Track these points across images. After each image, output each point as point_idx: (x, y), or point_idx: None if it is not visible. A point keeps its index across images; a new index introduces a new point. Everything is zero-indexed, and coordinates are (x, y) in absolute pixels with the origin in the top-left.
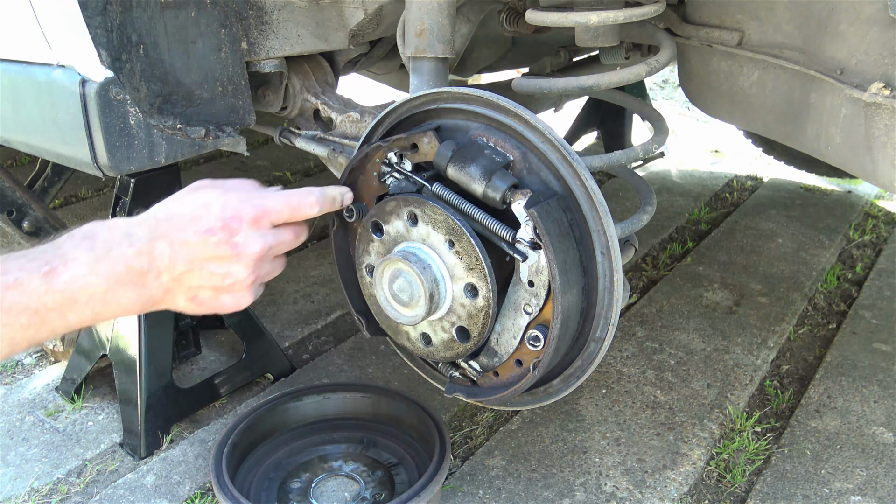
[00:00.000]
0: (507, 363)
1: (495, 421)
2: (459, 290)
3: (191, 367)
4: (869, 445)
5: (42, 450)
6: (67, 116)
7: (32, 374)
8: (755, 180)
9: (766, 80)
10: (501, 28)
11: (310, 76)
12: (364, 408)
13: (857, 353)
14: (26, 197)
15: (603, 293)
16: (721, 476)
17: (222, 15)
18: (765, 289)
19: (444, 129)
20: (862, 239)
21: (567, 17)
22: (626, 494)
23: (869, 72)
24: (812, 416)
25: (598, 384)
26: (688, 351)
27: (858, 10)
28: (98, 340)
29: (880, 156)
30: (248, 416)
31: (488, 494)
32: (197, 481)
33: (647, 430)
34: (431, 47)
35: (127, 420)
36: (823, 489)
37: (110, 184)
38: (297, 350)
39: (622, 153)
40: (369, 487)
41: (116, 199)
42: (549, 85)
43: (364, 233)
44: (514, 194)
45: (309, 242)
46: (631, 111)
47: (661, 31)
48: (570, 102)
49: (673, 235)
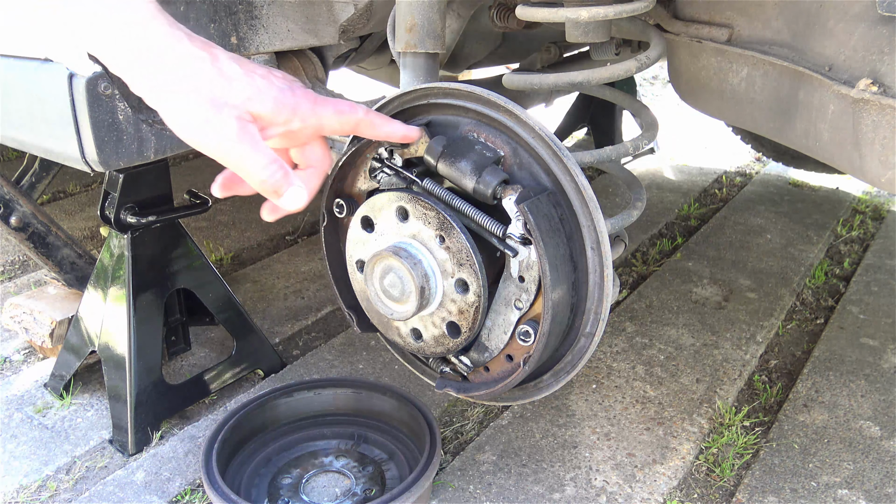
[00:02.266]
0: (498, 358)
1: (486, 416)
2: (450, 285)
3: (180, 364)
4: (856, 439)
5: (31, 447)
6: (55, 112)
7: (20, 370)
8: (744, 176)
9: (755, 76)
10: (492, 23)
11: (300, 71)
12: (354, 404)
13: (845, 347)
14: (14, 192)
15: (593, 288)
16: (710, 470)
17: (212, 10)
18: (753, 284)
19: (435, 125)
20: (849, 234)
21: (557, 13)
22: (616, 489)
23: (857, 68)
24: (800, 411)
25: (589, 379)
26: (677, 346)
27: (847, 7)
28: (87, 337)
29: (868, 152)
30: (239, 412)
31: (479, 489)
32: (187, 478)
33: (637, 425)
34: (422, 42)
35: (116, 416)
36: (811, 483)
37: (99, 179)
38: (287, 346)
39: (612, 149)
40: (360, 483)
41: (105, 195)
42: (539, 81)
43: (354, 228)
44: (504, 190)
45: (299, 238)
46: (621, 107)
47: (651, 27)
48: (560, 98)
49: (663, 231)
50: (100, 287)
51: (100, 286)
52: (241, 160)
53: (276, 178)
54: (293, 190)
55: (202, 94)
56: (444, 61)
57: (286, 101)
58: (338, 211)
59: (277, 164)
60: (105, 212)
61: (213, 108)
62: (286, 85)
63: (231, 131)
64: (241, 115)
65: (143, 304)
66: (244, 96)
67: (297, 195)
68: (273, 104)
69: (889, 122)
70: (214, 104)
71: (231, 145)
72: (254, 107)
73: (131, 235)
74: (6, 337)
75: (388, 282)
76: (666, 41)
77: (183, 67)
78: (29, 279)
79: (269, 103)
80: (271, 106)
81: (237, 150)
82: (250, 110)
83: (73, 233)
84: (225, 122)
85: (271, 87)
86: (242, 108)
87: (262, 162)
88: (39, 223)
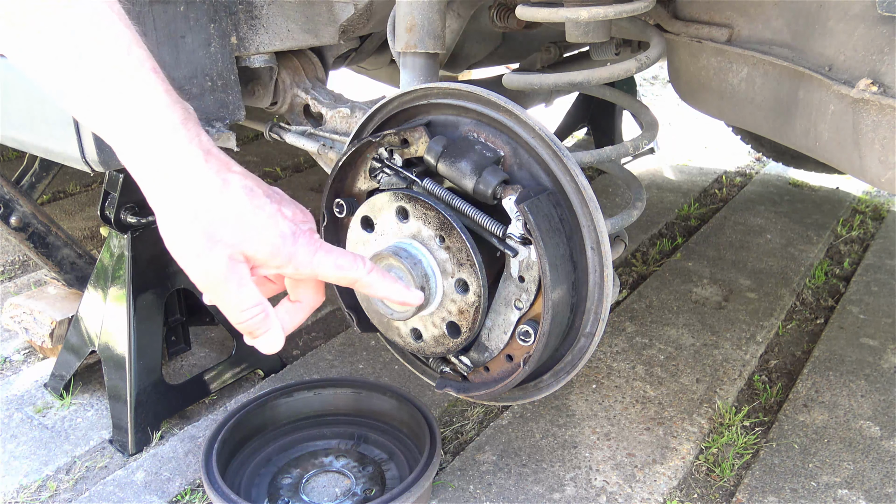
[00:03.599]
0: (498, 358)
1: (486, 416)
2: (450, 285)
3: (180, 364)
4: (856, 439)
5: (31, 447)
6: (56, 112)
7: (20, 370)
8: (744, 176)
9: (755, 76)
10: (492, 23)
11: (300, 71)
12: (355, 404)
13: (845, 347)
14: (14, 192)
15: (593, 288)
16: (710, 470)
17: (212, 9)
18: (753, 284)
19: (435, 125)
20: (849, 234)
21: (557, 13)
22: (616, 489)
23: (857, 68)
24: (800, 411)
25: (589, 379)
26: (677, 346)
27: (847, 7)
28: (87, 337)
29: (868, 152)
30: (239, 412)
31: (479, 489)
32: (187, 477)
33: (637, 425)
34: (422, 42)
35: (116, 416)
36: (811, 483)
37: (99, 179)
38: (287, 346)
39: (612, 149)
40: (360, 483)
41: (105, 195)
42: (539, 81)
43: (354, 228)
44: (504, 190)
45: None
46: (621, 107)
47: (651, 27)
48: (560, 98)
49: (662, 231)
50: (100, 287)
51: (100, 286)
52: (223, 299)
53: (255, 322)
54: (269, 335)
55: (199, 225)
56: (444, 61)
57: (283, 251)
58: (338, 211)
59: (259, 307)
60: (105, 212)
61: (207, 243)
62: (290, 230)
63: (219, 270)
64: (233, 255)
65: (143, 304)
66: (241, 237)
67: (272, 341)
68: (269, 251)
69: (889, 122)
70: (209, 239)
71: (216, 283)
72: (248, 249)
73: (131, 235)
74: (6, 337)
75: None
76: (666, 41)
77: (189, 193)
78: (29, 279)
79: (264, 249)
80: (267, 253)
81: (221, 287)
82: (244, 252)
83: (73, 233)
84: (216, 260)
85: (273, 231)
86: (237, 248)
87: (244, 305)
88: (39, 223)
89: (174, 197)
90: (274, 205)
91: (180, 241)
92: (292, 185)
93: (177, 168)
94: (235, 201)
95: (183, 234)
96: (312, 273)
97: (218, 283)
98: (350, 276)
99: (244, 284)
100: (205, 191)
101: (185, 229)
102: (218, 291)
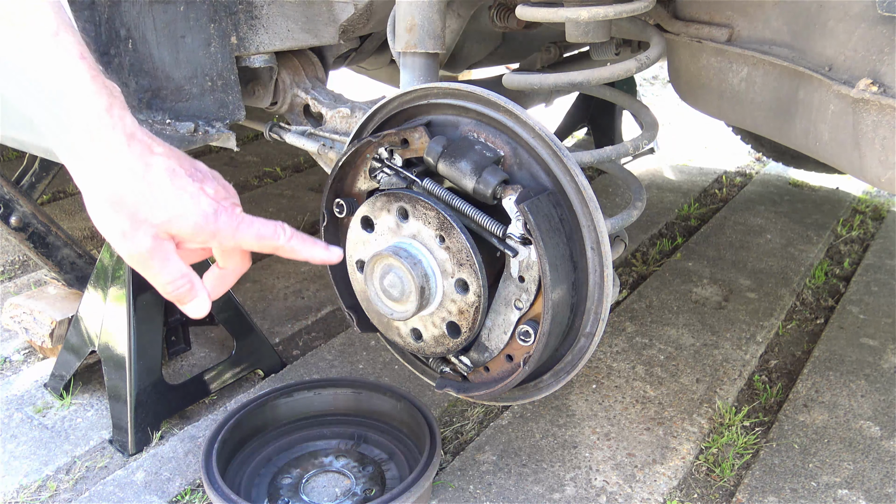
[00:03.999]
0: (498, 358)
1: (486, 416)
2: (450, 285)
3: (180, 364)
4: (856, 439)
5: (31, 447)
6: None
7: (20, 370)
8: (744, 176)
9: (755, 76)
10: (492, 23)
11: (300, 71)
12: (355, 404)
13: (845, 347)
14: (14, 192)
15: (593, 288)
16: (710, 470)
17: (211, 9)
18: (753, 284)
19: (435, 125)
20: (849, 234)
21: (557, 13)
22: (616, 489)
23: (857, 68)
24: (800, 411)
25: (589, 379)
26: (677, 346)
27: (847, 7)
28: (87, 337)
29: (868, 152)
30: (239, 412)
31: (479, 489)
32: (187, 478)
33: (637, 425)
34: (422, 42)
35: (116, 416)
36: (811, 483)
37: None
38: (287, 346)
39: (612, 149)
40: (360, 483)
41: None
42: (539, 81)
43: (354, 228)
44: (504, 189)
45: None
46: (621, 107)
47: (651, 27)
48: (560, 98)
49: (662, 231)
50: (100, 287)
51: (100, 286)
52: (149, 273)
53: (182, 292)
54: (196, 302)
55: (125, 207)
56: (444, 61)
57: (206, 228)
58: (338, 211)
59: (185, 279)
60: None
61: (132, 224)
62: (211, 208)
63: (145, 247)
64: (157, 234)
65: (143, 304)
66: (165, 217)
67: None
68: (192, 229)
69: (889, 122)
70: (134, 220)
71: (143, 260)
72: (172, 229)
73: None
74: (6, 337)
75: (388, 282)
76: (666, 41)
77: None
78: (29, 279)
79: (188, 228)
80: (190, 231)
81: (148, 264)
82: (168, 231)
83: (73, 233)
84: (141, 239)
85: (195, 210)
86: (161, 227)
87: (170, 278)
88: (39, 223)
89: (100, 183)
90: (196, 184)
91: (108, 223)
92: (292, 185)
93: (101, 155)
94: (158, 184)
95: (110, 217)
96: (236, 245)
97: (144, 260)
98: (271, 244)
99: (169, 259)
100: (128, 175)
101: (111, 212)
102: (145, 267)
